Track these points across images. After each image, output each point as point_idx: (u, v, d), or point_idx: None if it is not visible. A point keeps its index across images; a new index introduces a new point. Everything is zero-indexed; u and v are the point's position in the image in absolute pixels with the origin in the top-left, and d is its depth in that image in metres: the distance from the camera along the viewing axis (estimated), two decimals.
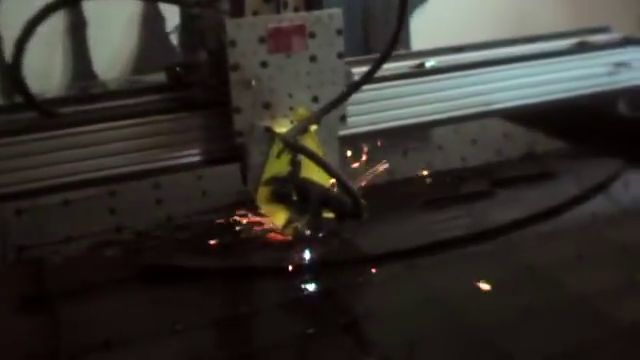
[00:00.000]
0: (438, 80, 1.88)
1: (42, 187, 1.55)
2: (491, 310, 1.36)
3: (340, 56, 1.56)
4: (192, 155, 1.63)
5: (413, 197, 1.79)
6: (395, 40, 1.45)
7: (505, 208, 1.73)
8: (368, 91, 1.70)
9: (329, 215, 1.51)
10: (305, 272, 1.50)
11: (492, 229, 1.62)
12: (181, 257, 1.56)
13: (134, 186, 1.77)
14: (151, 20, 2.89)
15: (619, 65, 2.07)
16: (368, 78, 1.53)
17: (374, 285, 1.49)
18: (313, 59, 1.54)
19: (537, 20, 3.27)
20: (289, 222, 1.52)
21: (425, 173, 1.94)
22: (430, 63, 2.00)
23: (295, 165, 1.49)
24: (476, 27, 2.99)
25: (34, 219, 1.78)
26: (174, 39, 2.95)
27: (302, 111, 1.55)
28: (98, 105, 1.65)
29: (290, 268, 1.49)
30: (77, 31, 2.75)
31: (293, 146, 1.44)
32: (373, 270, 1.52)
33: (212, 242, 1.59)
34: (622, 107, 2.19)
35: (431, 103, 1.86)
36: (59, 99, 1.80)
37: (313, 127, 1.52)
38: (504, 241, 1.60)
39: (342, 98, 1.53)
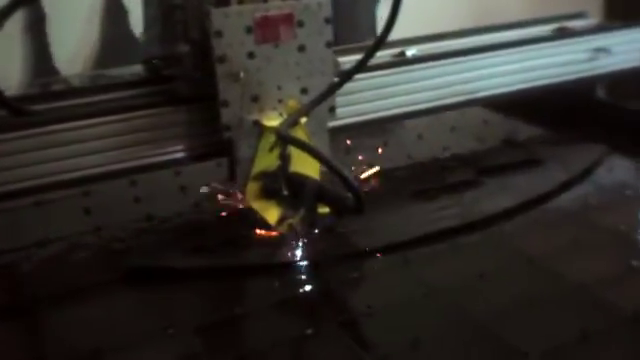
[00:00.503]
0: (424, 69, 1.84)
1: (18, 189, 1.47)
2: (492, 300, 1.33)
3: (329, 45, 1.51)
4: (176, 152, 1.56)
5: (401, 188, 1.75)
6: (389, 27, 1.41)
7: (495, 197, 1.70)
8: (355, 81, 1.64)
9: (323, 210, 1.47)
10: (300, 269, 1.45)
11: (484, 218, 1.60)
12: (169, 257, 1.49)
13: (110, 184, 1.69)
14: (113, 13, 2.79)
15: (599, 50, 2.06)
16: (361, 67, 1.48)
17: (371, 280, 1.45)
18: (302, 49, 1.49)
19: (502, 9, 3.26)
20: (283, 218, 1.47)
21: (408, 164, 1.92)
22: (411, 52, 1.97)
23: (284, 159, 1.44)
24: (442, 16, 2.97)
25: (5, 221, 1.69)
26: (138, 32, 2.86)
27: (292, 103, 1.50)
28: (72, 101, 1.57)
29: (283, 265, 1.44)
30: (36, 26, 2.63)
31: (287, 139, 1.40)
32: (370, 264, 1.48)
33: (198, 240, 1.53)
34: (600, 92, 2.20)
35: (418, 92, 1.82)
36: (28, 96, 1.71)
37: (303, 119, 1.47)
38: (497, 230, 1.58)
39: (334, 88, 1.48)
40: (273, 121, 1.47)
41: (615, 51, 2.08)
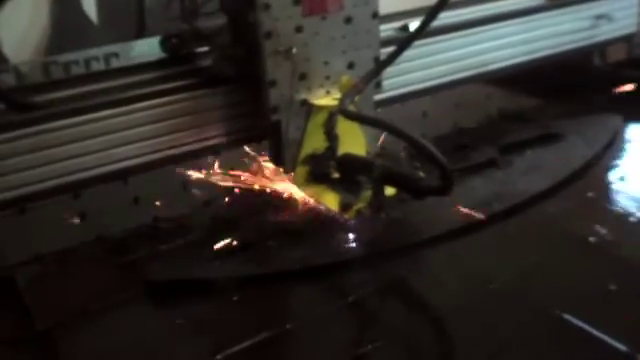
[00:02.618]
0: (439, 42, 1.72)
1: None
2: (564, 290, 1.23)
3: (374, 16, 1.39)
4: (217, 137, 1.41)
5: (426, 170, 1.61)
6: None
7: (529, 176, 1.60)
8: None
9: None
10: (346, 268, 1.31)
11: (526, 200, 1.50)
12: (195, 267, 1.31)
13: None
14: None
15: (600, 17, 1.99)
16: (420, 33, 1.38)
17: (428, 275, 1.32)
18: (348, 20, 1.37)
19: None
20: (348, 204, 1.34)
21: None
22: (415, 25, 1.84)
23: (334, 140, 1.32)
24: None
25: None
26: (92, 14, 2.59)
27: (345, 79, 1.39)
28: (81, 90, 1.36)
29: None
30: None
31: (352, 115, 1.30)
32: (421, 257, 1.35)
33: (223, 243, 1.36)
34: (599, 60, 2.14)
35: (437, 66, 1.71)
36: (23, 87, 1.48)
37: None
38: (540, 212, 1.48)
39: (394, 56, 1.38)
40: (321, 100, 1.36)
41: (616, 17, 2.00)
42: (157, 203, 1.53)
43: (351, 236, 1.37)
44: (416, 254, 1.36)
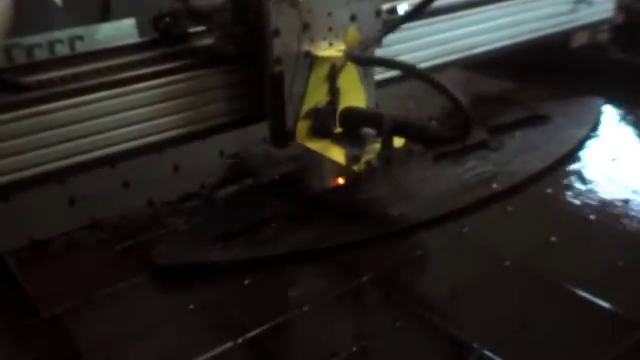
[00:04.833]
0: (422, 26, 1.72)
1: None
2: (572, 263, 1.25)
3: None
4: (217, 117, 1.36)
5: (419, 151, 1.61)
6: None
7: (522, 156, 1.61)
8: None
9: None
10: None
11: (523, 180, 1.51)
12: (202, 251, 1.27)
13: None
14: None
15: (579, 2, 2.02)
16: None
17: (439, 256, 1.31)
18: None
19: None
20: (357, 156, 1.31)
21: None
22: (403, 7, 1.83)
23: (336, 94, 1.32)
24: None
25: None
26: None
27: (352, 31, 1.37)
28: (75, 70, 1.30)
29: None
30: None
31: (364, 60, 1.31)
32: (428, 238, 1.34)
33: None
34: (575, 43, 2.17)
35: (422, 49, 1.72)
36: (11, 68, 1.40)
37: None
38: (539, 191, 1.49)
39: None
40: (325, 52, 1.34)
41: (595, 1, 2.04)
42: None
43: None
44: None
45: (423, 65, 1.73)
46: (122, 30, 1.97)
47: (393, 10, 1.80)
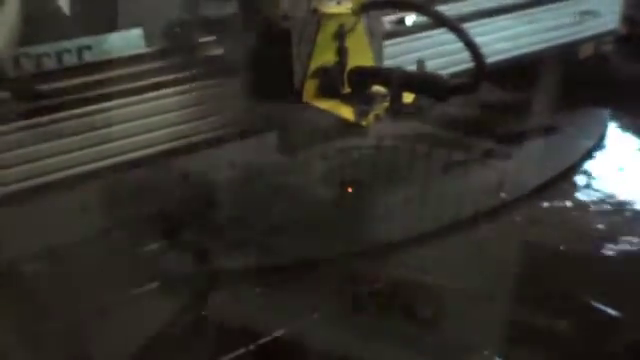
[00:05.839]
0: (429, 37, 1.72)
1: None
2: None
3: None
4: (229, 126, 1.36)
5: (427, 160, 1.62)
6: None
7: (531, 166, 1.62)
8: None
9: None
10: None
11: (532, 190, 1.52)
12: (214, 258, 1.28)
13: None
14: None
15: (585, 13, 2.03)
16: None
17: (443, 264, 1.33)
18: None
19: None
20: (365, 111, 1.31)
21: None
22: (411, 18, 1.84)
23: (343, 53, 1.30)
24: None
25: None
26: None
27: None
28: (87, 79, 1.31)
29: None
30: None
31: (380, 3, 1.31)
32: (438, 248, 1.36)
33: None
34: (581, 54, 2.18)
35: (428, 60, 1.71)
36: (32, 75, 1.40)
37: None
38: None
39: None
40: (332, 8, 1.32)
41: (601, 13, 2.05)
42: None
43: None
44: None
45: None
46: (130, 40, 1.98)
47: (401, 22, 1.82)
